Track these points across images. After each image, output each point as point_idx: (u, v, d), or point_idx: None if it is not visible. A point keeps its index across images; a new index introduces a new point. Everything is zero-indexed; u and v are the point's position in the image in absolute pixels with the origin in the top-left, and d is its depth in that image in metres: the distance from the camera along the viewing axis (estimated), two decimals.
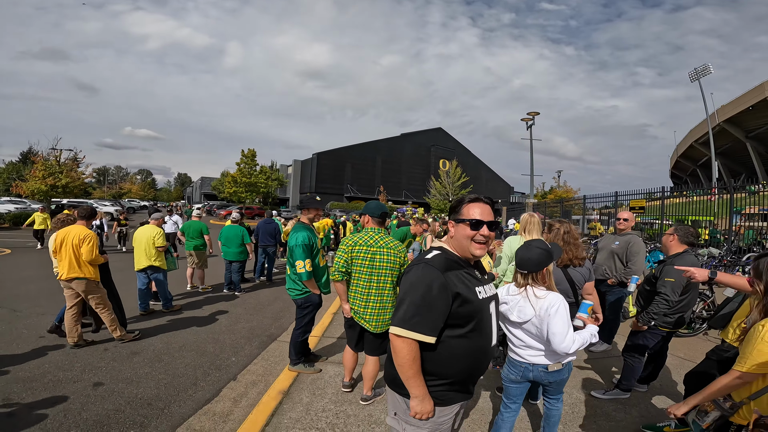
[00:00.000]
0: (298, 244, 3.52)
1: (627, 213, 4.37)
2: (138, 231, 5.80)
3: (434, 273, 1.56)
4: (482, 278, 1.75)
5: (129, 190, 73.40)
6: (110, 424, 2.90)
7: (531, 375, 2.34)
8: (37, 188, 20.55)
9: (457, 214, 1.69)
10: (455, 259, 1.67)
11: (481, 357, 1.68)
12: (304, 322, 3.82)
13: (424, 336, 1.52)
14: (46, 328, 4.75)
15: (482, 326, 1.65)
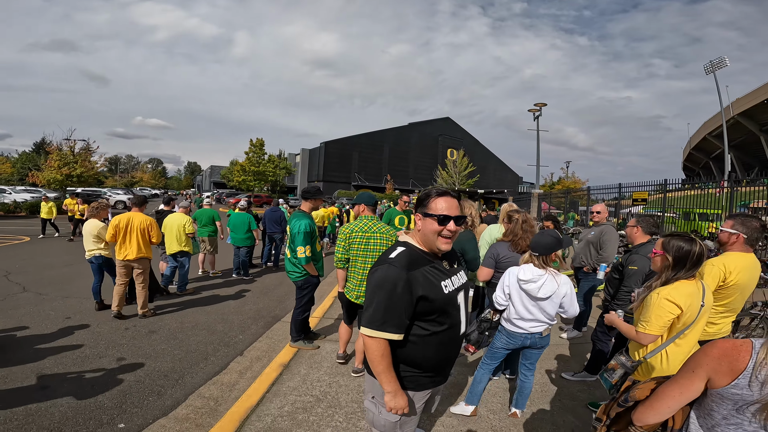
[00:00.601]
0: (300, 231, 3.86)
1: (600, 206, 4.66)
2: (168, 219, 6.25)
3: (398, 273, 1.58)
4: (450, 269, 1.76)
5: (140, 179, 74.50)
6: (132, 393, 3.29)
7: (528, 342, 2.81)
8: (53, 178, 21.16)
9: (425, 207, 1.68)
10: (421, 254, 1.69)
11: (450, 346, 1.73)
12: (303, 301, 4.20)
13: (391, 334, 1.57)
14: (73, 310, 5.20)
15: (449, 318, 1.69)
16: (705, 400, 1.20)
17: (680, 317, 2.03)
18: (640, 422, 1.29)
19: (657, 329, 2.04)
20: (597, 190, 16.86)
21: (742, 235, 2.55)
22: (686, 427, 1.25)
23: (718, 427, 1.17)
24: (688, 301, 2.01)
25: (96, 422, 2.85)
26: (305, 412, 3.03)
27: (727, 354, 1.12)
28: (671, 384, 1.24)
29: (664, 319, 2.02)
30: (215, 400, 3.24)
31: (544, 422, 3.05)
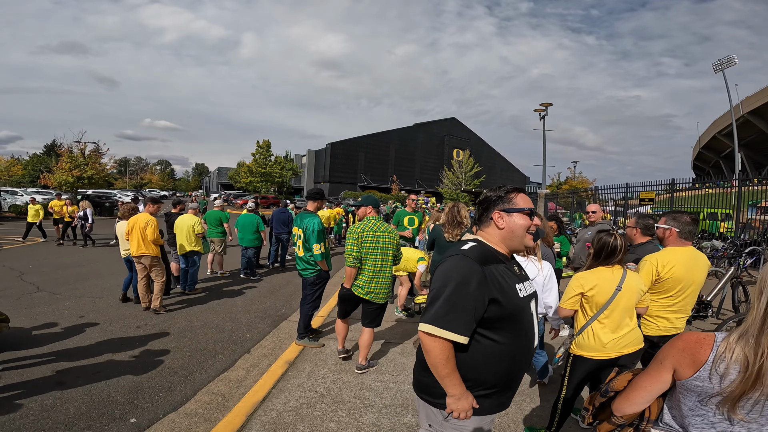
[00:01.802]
0: (314, 230, 4.07)
1: (595, 206, 4.73)
2: (178, 220, 6.41)
3: (473, 266, 1.42)
4: (521, 274, 1.62)
5: (149, 181, 75.33)
6: (143, 388, 3.41)
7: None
8: (64, 180, 21.54)
9: (507, 203, 1.55)
10: (494, 252, 1.54)
11: (521, 360, 1.53)
12: (314, 297, 4.36)
13: (458, 336, 1.39)
14: (86, 309, 5.35)
15: (522, 326, 1.51)
16: (674, 392, 1.25)
17: (587, 296, 2.42)
18: (618, 412, 1.34)
19: (567, 304, 2.49)
20: (604, 190, 16.81)
21: (675, 229, 2.74)
22: (661, 418, 1.30)
23: (686, 419, 1.21)
24: (593, 282, 2.41)
25: (109, 417, 2.96)
26: (309, 408, 3.12)
27: (690, 346, 1.17)
28: (643, 375, 1.30)
29: (570, 294, 2.48)
30: (223, 395, 3.34)
31: (542, 419, 3.11)
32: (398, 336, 4.80)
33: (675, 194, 12.77)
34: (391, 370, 3.87)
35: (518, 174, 67.99)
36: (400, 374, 3.79)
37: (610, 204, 17.18)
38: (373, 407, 3.18)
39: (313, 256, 4.14)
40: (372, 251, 3.60)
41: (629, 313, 2.45)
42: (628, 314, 2.44)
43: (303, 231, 4.16)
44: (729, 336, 1.13)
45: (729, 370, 1.08)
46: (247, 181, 38.69)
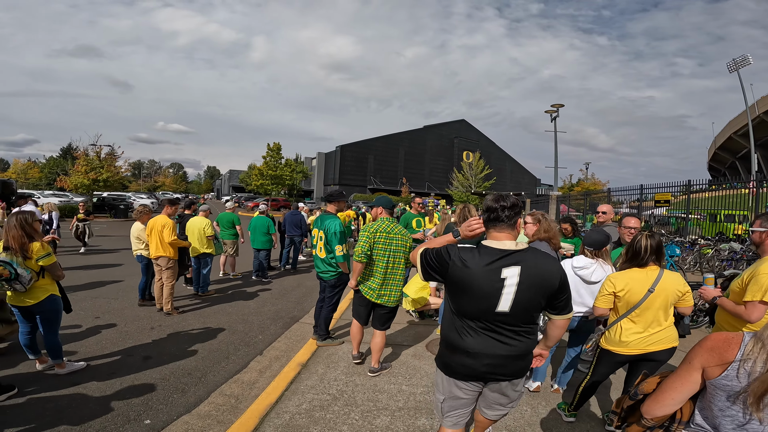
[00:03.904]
0: (337, 232, 4.06)
1: (607, 206, 4.63)
2: (190, 222, 6.49)
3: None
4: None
5: (163, 183, 76.47)
6: (157, 390, 3.42)
7: (574, 324, 3.26)
8: (80, 182, 21.92)
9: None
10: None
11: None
12: (334, 300, 4.36)
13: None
14: (101, 310, 5.42)
15: None
16: (705, 392, 1.25)
17: (619, 295, 2.53)
18: (648, 414, 1.34)
19: (601, 303, 2.64)
20: (618, 192, 16.53)
21: None
22: (692, 419, 1.29)
23: (717, 419, 1.21)
24: (624, 282, 2.52)
25: (123, 418, 2.97)
26: (322, 410, 3.10)
27: (718, 346, 1.19)
28: (673, 376, 1.29)
29: (602, 293, 2.62)
30: (236, 397, 3.34)
31: (558, 422, 3.05)
32: (410, 339, 4.77)
33: (691, 196, 12.52)
34: (404, 372, 3.84)
35: (529, 176, 67.41)
36: (413, 377, 3.75)
37: (624, 206, 16.89)
38: (387, 410, 3.15)
39: (335, 257, 4.12)
40: (384, 252, 3.58)
41: (664, 312, 2.52)
42: (662, 314, 2.52)
43: (324, 233, 4.13)
44: (756, 335, 1.14)
45: (756, 368, 1.10)
46: (258, 184, 38.93)
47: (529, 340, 1.94)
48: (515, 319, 1.86)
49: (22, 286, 3.23)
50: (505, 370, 1.93)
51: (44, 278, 3.39)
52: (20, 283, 3.21)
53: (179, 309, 5.58)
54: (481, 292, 1.83)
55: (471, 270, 1.83)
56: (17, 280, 3.19)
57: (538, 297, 1.85)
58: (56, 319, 3.50)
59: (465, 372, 1.96)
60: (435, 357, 2.15)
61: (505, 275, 1.80)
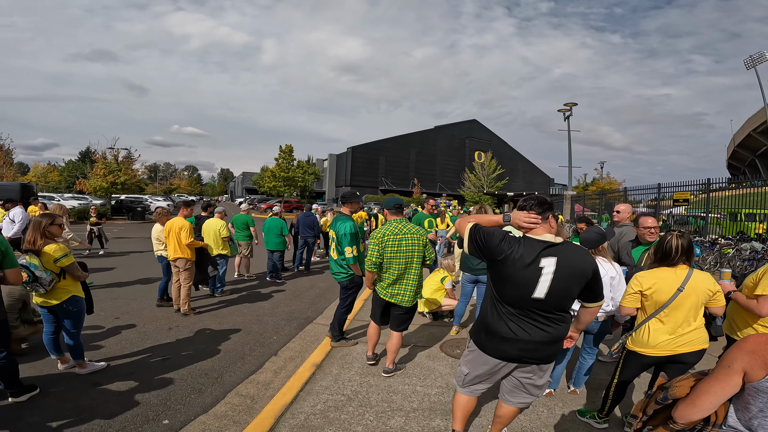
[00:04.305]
0: (347, 233, 4.06)
1: (623, 205, 4.54)
2: (206, 224, 6.59)
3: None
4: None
5: (178, 186, 77.65)
6: (176, 390, 3.47)
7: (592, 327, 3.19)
8: (99, 185, 22.44)
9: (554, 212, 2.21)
10: None
11: None
12: (347, 302, 4.36)
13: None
14: (121, 311, 5.54)
15: None
16: (742, 394, 1.22)
17: (646, 295, 2.48)
18: (683, 419, 1.30)
19: (627, 302, 2.59)
20: (634, 191, 16.22)
21: None
22: (725, 421, 1.27)
23: (755, 420, 1.19)
24: (651, 282, 2.47)
25: (142, 418, 3.01)
26: (337, 411, 3.11)
27: (760, 348, 1.16)
28: (711, 380, 1.26)
29: (628, 292, 2.58)
30: (251, 398, 3.37)
31: (575, 423, 3.01)
32: (424, 339, 4.75)
33: (711, 194, 12.20)
34: (418, 373, 3.83)
35: (542, 176, 66.66)
36: (427, 378, 3.74)
37: (642, 205, 16.57)
38: (401, 411, 3.14)
39: (345, 259, 4.13)
40: (395, 255, 3.55)
41: (694, 313, 2.47)
42: (692, 314, 2.46)
43: (336, 234, 4.16)
44: None
45: None
46: (271, 186, 39.31)
47: (560, 327, 2.13)
48: (549, 306, 2.06)
49: (42, 288, 3.31)
50: (535, 354, 2.13)
51: (65, 279, 3.47)
52: (40, 285, 3.29)
53: (196, 310, 5.66)
54: (522, 280, 2.03)
55: (516, 259, 2.03)
56: (37, 282, 3.27)
57: (573, 286, 2.05)
58: (78, 319, 3.58)
59: (497, 354, 2.18)
60: (470, 331, 2.37)
61: (543, 264, 2.01)
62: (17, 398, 3.12)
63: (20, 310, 4.08)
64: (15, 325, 3.97)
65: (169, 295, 5.91)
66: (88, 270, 3.76)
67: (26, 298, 4.14)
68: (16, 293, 4.01)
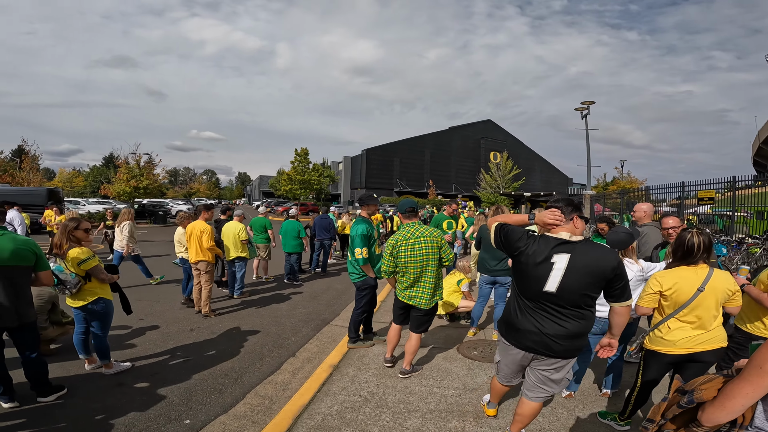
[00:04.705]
0: (357, 235, 4.15)
1: (645, 204, 4.45)
2: (225, 227, 6.71)
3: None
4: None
5: (197, 190, 79.33)
6: (197, 390, 3.55)
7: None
8: (122, 190, 23.15)
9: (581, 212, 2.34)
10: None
11: None
12: (362, 303, 4.40)
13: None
14: (145, 312, 5.69)
15: None
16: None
17: (666, 295, 2.45)
18: (710, 422, 1.28)
19: (645, 302, 2.55)
20: (657, 190, 15.81)
21: None
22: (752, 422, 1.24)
23: None
24: (672, 281, 2.43)
25: (165, 418, 3.09)
26: (354, 412, 3.13)
27: None
28: (741, 382, 1.22)
29: (647, 292, 2.53)
30: (270, 398, 3.42)
31: (596, 425, 2.96)
32: (441, 341, 4.74)
33: (736, 192, 11.81)
34: (434, 375, 3.82)
35: (560, 175, 65.54)
36: (444, 379, 3.73)
37: (665, 204, 16.13)
38: (418, 412, 3.15)
39: (356, 260, 4.20)
40: (409, 260, 3.57)
41: (713, 312, 2.44)
42: (711, 313, 2.43)
43: (350, 235, 4.27)
44: None
45: None
46: (287, 189, 39.77)
47: (576, 323, 2.20)
48: (562, 300, 2.18)
49: (68, 290, 3.45)
50: (550, 347, 2.24)
51: (92, 282, 3.59)
52: (66, 287, 3.43)
53: (216, 311, 5.78)
54: (535, 274, 2.20)
55: (530, 254, 2.22)
56: (63, 285, 3.41)
57: (587, 282, 2.14)
58: (105, 321, 3.69)
59: (515, 344, 2.37)
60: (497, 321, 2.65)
61: (555, 260, 2.16)
62: (45, 398, 3.22)
63: (49, 312, 4.24)
64: (44, 326, 4.13)
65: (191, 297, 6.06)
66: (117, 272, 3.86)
67: (55, 300, 4.30)
68: (45, 295, 4.17)
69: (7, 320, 2.98)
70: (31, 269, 3.09)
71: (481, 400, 3.27)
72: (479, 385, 3.62)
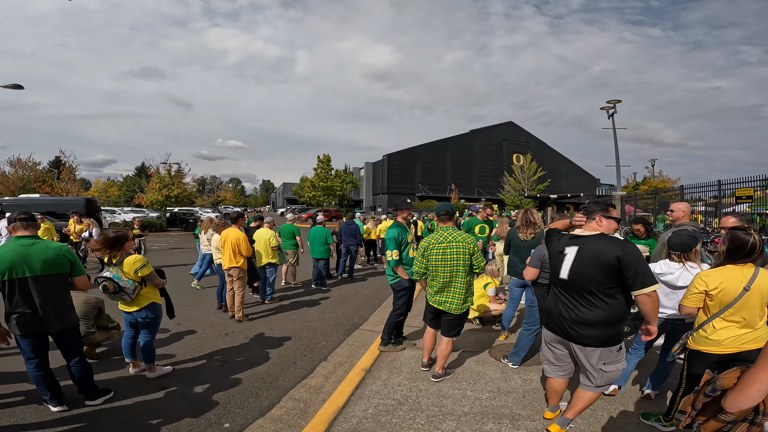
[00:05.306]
0: (389, 238, 4.27)
1: (681, 204, 4.28)
2: (257, 234, 6.90)
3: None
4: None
5: (224, 198, 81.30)
6: (235, 394, 3.64)
7: (669, 327, 3.17)
8: (155, 199, 24.00)
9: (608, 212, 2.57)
10: None
11: None
12: (399, 304, 4.47)
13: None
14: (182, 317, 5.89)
15: None
16: None
17: (711, 294, 2.43)
18: (732, 408, 1.33)
19: (690, 302, 2.54)
20: (692, 189, 15.21)
21: None
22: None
23: None
24: (718, 281, 2.40)
25: (206, 421, 3.19)
26: (388, 415, 3.16)
27: None
28: (757, 369, 1.28)
29: (692, 292, 2.52)
30: (305, 402, 3.49)
31: (639, 426, 2.89)
32: (472, 344, 4.71)
33: None
34: (467, 378, 3.81)
35: (586, 176, 63.91)
36: (477, 382, 3.71)
37: (701, 204, 15.49)
38: (452, 415, 3.14)
39: (387, 262, 4.35)
40: (440, 263, 3.61)
41: (760, 311, 2.42)
42: (757, 312, 2.42)
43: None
44: None
45: None
46: (311, 195, 40.32)
47: (588, 311, 2.44)
48: (573, 287, 2.50)
49: (128, 297, 3.63)
50: (571, 332, 2.52)
51: (146, 287, 3.77)
52: (126, 294, 3.61)
53: (249, 316, 5.93)
54: (554, 264, 2.64)
55: (551, 249, 2.71)
56: (123, 292, 3.59)
57: (592, 269, 2.42)
58: (155, 325, 3.86)
59: (547, 326, 2.74)
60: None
61: (566, 252, 2.55)
62: (92, 401, 3.36)
63: (96, 317, 4.46)
64: (92, 330, 4.35)
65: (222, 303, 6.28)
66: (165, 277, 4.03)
67: (101, 305, 4.52)
68: (92, 300, 4.40)
69: (50, 326, 3.12)
70: (68, 275, 3.22)
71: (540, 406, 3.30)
72: (513, 389, 3.59)
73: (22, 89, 14.79)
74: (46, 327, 3.11)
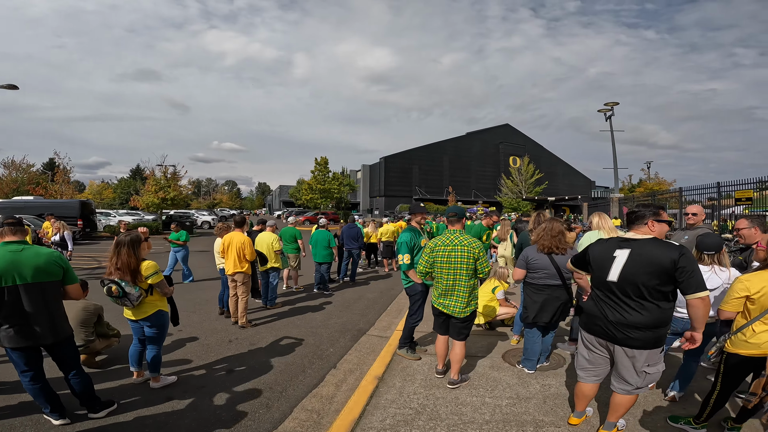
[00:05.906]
0: (401, 242, 4.30)
1: (696, 207, 4.28)
2: (259, 237, 6.75)
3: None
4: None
5: (220, 201, 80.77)
6: (245, 405, 3.46)
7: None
8: (151, 201, 23.72)
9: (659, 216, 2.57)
10: None
11: None
12: (415, 309, 4.40)
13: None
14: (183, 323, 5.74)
15: None
16: None
17: (753, 298, 2.44)
18: None
19: (730, 306, 2.56)
20: (690, 191, 15.30)
21: None
22: None
23: None
24: (760, 285, 2.42)
25: None
26: (407, 425, 3.03)
27: None
28: None
29: (733, 296, 2.54)
30: (317, 412, 3.35)
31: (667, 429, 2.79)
32: (484, 350, 4.60)
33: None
34: (484, 384, 3.70)
35: (582, 178, 64.20)
36: (495, 388, 3.61)
37: None
38: (473, 423, 3.04)
39: (400, 266, 4.34)
40: (446, 266, 3.56)
41: None
42: None
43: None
44: None
45: None
46: (308, 198, 40.08)
47: (638, 314, 2.42)
48: (622, 289, 2.48)
49: (130, 303, 3.48)
50: (615, 334, 2.51)
51: (153, 295, 3.62)
52: (129, 300, 3.46)
53: (252, 322, 5.78)
54: (601, 265, 2.61)
55: (598, 251, 2.68)
56: (126, 298, 3.44)
57: (646, 274, 2.39)
58: (161, 333, 3.72)
59: (587, 329, 2.72)
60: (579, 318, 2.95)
61: (617, 254, 2.54)
62: (95, 414, 3.19)
63: (95, 324, 4.30)
64: (91, 339, 4.19)
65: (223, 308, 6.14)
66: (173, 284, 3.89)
67: (101, 312, 4.36)
68: (91, 307, 4.24)
69: (42, 338, 2.91)
70: (60, 284, 3.02)
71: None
72: (533, 395, 3.49)
73: (17, 89, 14.56)
74: (38, 339, 2.90)
